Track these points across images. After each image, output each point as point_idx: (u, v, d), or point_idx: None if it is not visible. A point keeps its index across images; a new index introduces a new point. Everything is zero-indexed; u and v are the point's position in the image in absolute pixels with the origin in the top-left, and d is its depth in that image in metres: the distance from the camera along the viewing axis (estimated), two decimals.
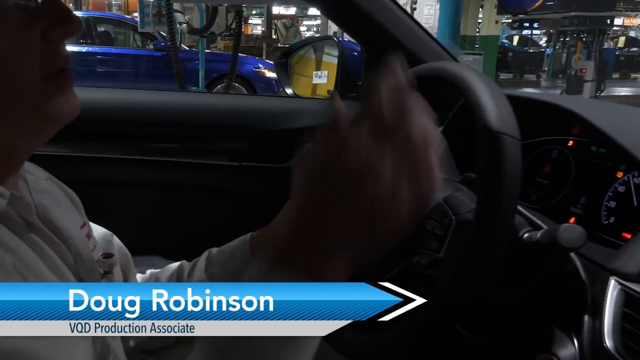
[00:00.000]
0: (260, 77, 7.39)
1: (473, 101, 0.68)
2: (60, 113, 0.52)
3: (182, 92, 2.35)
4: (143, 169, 1.32)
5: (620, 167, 0.89)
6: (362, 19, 1.21)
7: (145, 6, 5.23)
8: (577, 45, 10.16)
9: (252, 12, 23.66)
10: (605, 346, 0.61)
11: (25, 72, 0.49)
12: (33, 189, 0.61)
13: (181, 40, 6.41)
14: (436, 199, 0.74)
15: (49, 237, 0.57)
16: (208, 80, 6.24)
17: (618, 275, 0.66)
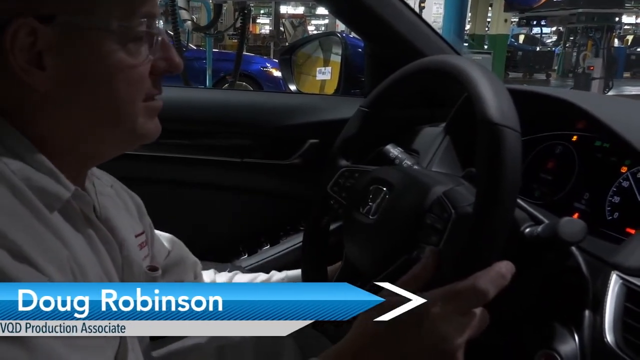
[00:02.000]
0: (267, 77, 7.38)
1: (473, 93, 0.67)
2: (149, 132, 0.62)
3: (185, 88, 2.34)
4: (143, 165, 1.32)
5: (625, 162, 0.88)
6: (366, 15, 1.21)
7: None
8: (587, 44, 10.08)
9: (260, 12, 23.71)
10: (606, 341, 0.61)
11: (136, 92, 0.59)
12: (98, 191, 0.67)
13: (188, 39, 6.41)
14: (436, 193, 0.73)
15: (105, 235, 0.62)
16: (216, 79, 6.24)
17: (620, 270, 0.65)
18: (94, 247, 0.59)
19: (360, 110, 0.95)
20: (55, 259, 0.51)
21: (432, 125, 1.27)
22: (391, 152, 1.05)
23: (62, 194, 0.56)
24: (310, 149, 1.33)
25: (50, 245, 0.52)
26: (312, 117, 1.34)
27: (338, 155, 0.96)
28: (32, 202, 0.52)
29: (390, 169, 0.85)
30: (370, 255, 0.78)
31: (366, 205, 0.81)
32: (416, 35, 1.24)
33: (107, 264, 0.61)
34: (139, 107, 0.60)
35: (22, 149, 0.56)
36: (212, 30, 5.10)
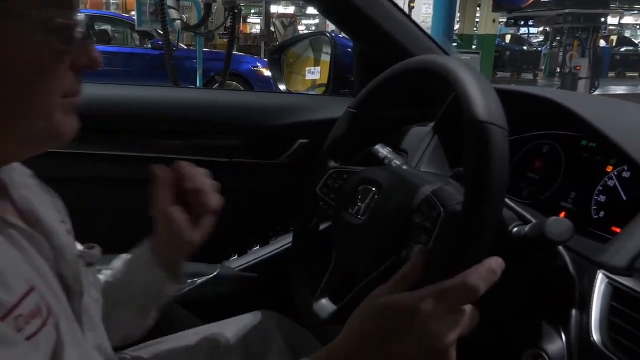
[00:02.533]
0: (258, 76, 7.36)
1: (460, 92, 0.66)
2: (65, 130, 0.57)
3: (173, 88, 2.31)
4: (131, 166, 1.30)
5: (610, 161, 0.88)
6: (354, 14, 1.20)
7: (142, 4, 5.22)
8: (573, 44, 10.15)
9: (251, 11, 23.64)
10: (593, 340, 0.60)
11: (53, 86, 0.55)
12: (15, 184, 0.61)
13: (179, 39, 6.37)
14: (425, 192, 0.72)
15: (28, 233, 0.57)
16: (206, 79, 6.21)
17: (606, 269, 0.65)
18: (17, 246, 0.55)
19: (348, 111, 0.94)
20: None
21: (420, 125, 1.27)
22: (380, 152, 1.05)
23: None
24: (299, 148, 1.32)
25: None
26: (301, 117, 1.33)
27: (327, 157, 0.96)
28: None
29: (379, 169, 0.84)
30: (359, 255, 0.77)
31: (355, 206, 0.81)
32: (405, 35, 1.23)
33: (36, 260, 0.57)
34: (55, 102, 0.55)
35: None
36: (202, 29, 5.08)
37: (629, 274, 0.63)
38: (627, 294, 0.61)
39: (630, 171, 0.84)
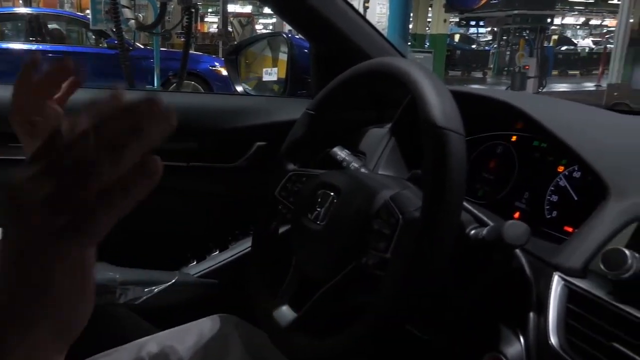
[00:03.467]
0: (216, 76, 7.24)
1: (417, 96, 0.65)
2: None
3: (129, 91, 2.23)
4: None
5: (561, 161, 0.88)
6: (309, 15, 1.17)
7: (97, 3, 5.06)
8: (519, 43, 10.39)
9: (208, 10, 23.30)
10: (551, 343, 0.59)
11: None
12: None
13: (135, 38, 6.21)
14: (383, 198, 0.71)
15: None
16: (164, 78, 6.08)
17: (561, 271, 0.64)
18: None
19: (306, 113, 0.92)
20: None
21: (378, 127, 1.26)
22: (338, 155, 1.03)
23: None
24: (257, 151, 1.28)
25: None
26: (258, 119, 1.30)
27: (285, 159, 0.93)
28: None
29: (337, 173, 0.82)
30: (319, 261, 0.75)
31: (314, 211, 0.78)
32: (360, 36, 1.21)
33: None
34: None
35: None
36: (158, 28, 4.96)
37: (584, 275, 0.63)
38: (582, 296, 0.60)
39: (580, 171, 0.84)
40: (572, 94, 12.22)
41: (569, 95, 11.82)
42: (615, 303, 0.57)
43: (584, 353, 0.57)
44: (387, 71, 0.74)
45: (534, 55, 8.66)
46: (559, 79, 15.53)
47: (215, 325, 0.98)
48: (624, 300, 0.57)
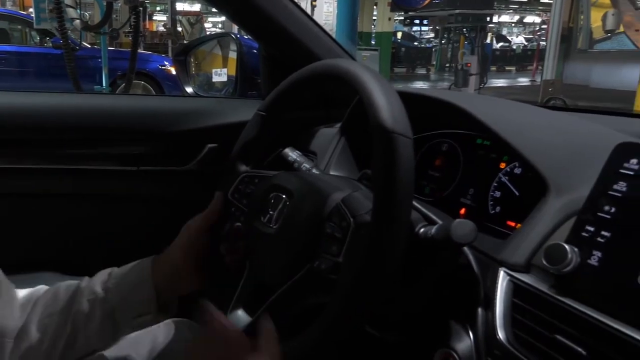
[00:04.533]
0: (166, 75, 7.05)
1: (366, 99, 0.64)
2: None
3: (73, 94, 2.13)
4: (33, 178, 1.18)
5: (503, 158, 0.90)
6: (256, 15, 1.15)
7: (40, 2, 4.82)
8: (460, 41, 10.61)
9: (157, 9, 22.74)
10: (498, 338, 0.60)
11: None
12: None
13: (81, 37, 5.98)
14: (335, 200, 0.70)
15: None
16: (113, 78, 5.88)
17: (506, 267, 0.65)
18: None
19: (257, 114, 0.90)
20: None
21: (327, 126, 1.25)
22: (290, 156, 1.01)
23: None
24: (209, 153, 1.25)
25: None
26: (209, 120, 1.26)
27: (237, 161, 0.91)
28: None
29: (289, 176, 0.80)
30: (273, 265, 0.73)
31: (267, 214, 0.77)
32: (308, 36, 1.20)
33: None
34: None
35: None
36: (106, 28, 4.79)
37: (528, 270, 0.64)
38: (526, 291, 0.61)
39: (521, 168, 0.86)
40: (510, 89, 12.64)
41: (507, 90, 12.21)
42: (557, 296, 0.58)
43: (529, 346, 0.58)
44: (337, 73, 0.73)
45: (475, 53, 8.87)
46: (496, 74, 15.98)
47: (170, 330, 0.95)
48: (565, 293, 0.58)
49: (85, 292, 0.77)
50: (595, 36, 5.61)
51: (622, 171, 0.59)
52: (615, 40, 5.51)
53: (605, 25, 5.50)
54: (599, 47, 5.65)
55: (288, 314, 0.70)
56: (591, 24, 5.63)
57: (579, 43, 5.97)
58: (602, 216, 0.59)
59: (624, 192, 0.58)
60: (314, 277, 0.66)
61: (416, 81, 14.43)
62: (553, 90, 6.80)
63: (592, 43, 5.67)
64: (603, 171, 0.61)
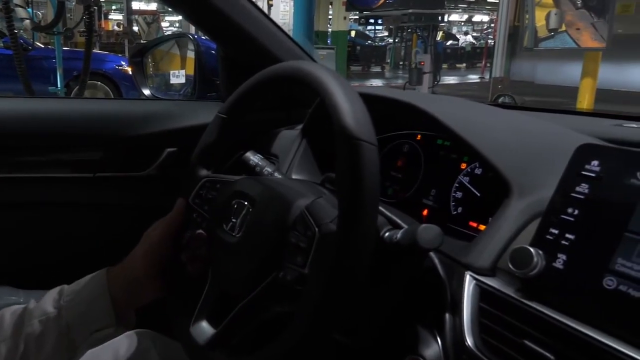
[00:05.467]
0: (124, 75, 6.83)
1: (329, 104, 0.61)
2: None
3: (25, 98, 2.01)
4: None
5: (464, 158, 0.89)
6: (213, 15, 1.10)
7: None
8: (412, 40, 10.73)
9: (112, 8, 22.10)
10: (467, 344, 0.58)
11: None
12: None
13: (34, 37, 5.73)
14: (299, 208, 0.67)
15: None
16: (68, 79, 5.65)
17: (472, 270, 0.63)
18: None
19: (218, 116, 0.86)
20: None
21: (288, 128, 1.21)
22: (251, 160, 0.97)
23: None
24: (168, 158, 1.20)
25: None
26: (168, 124, 1.20)
27: (198, 165, 0.87)
28: None
29: (252, 182, 0.77)
30: (236, 274, 0.70)
31: (229, 222, 0.73)
32: (266, 37, 1.16)
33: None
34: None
35: None
36: (59, 27, 4.59)
37: (494, 274, 0.62)
38: (493, 295, 0.60)
39: (481, 168, 0.85)
40: (462, 86, 12.86)
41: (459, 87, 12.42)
42: (524, 300, 0.57)
43: (498, 352, 0.56)
44: (300, 77, 0.70)
45: (428, 52, 8.98)
46: (448, 72, 16.25)
47: (132, 341, 0.90)
48: (531, 297, 0.56)
49: (35, 313, 0.72)
50: (540, 35, 5.73)
51: (584, 173, 0.58)
52: (558, 39, 5.64)
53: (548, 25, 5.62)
54: (543, 45, 5.78)
55: (253, 326, 0.66)
56: (536, 23, 5.75)
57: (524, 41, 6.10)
58: (566, 219, 0.57)
59: (586, 194, 0.57)
60: (278, 288, 0.63)
61: (372, 79, 14.51)
62: (502, 87, 6.95)
63: (537, 41, 5.79)
64: (565, 173, 0.60)
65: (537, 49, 6.00)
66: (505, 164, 0.71)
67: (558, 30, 5.65)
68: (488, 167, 0.74)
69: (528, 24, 5.86)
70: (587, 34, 5.41)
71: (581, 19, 5.40)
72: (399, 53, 17.42)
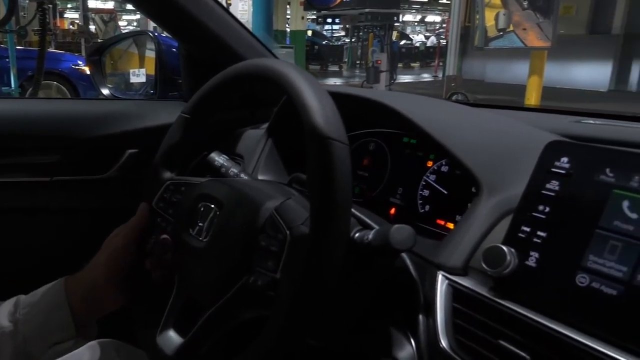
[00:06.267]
0: (81, 75, 6.54)
1: (299, 104, 0.58)
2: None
3: None
4: None
5: (430, 156, 0.87)
6: (174, 12, 1.04)
7: None
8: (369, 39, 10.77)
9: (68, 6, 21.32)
10: (441, 346, 0.56)
11: None
12: None
13: None
14: (268, 210, 0.63)
15: None
16: (22, 78, 5.38)
17: (444, 270, 0.61)
18: None
19: (181, 117, 0.81)
20: None
21: (253, 128, 1.17)
22: (216, 161, 0.93)
23: None
24: (129, 160, 1.13)
25: None
26: (128, 124, 1.14)
27: (161, 167, 0.82)
28: None
29: (218, 184, 0.73)
30: (203, 281, 0.66)
31: (195, 226, 0.69)
32: (228, 33, 1.11)
33: None
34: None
35: None
36: (11, 25, 4.36)
37: (466, 273, 0.60)
38: (466, 295, 0.58)
39: (447, 166, 0.84)
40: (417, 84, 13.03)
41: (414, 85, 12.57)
42: (497, 300, 0.55)
43: (473, 352, 0.54)
44: (266, 75, 0.66)
45: (384, 51, 9.02)
46: (403, 71, 16.40)
47: (94, 353, 0.84)
48: (505, 296, 0.55)
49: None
50: (490, 35, 5.84)
51: (554, 170, 0.57)
52: (507, 39, 5.77)
53: (497, 25, 5.74)
54: (492, 44, 5.90)
55: (222, 334, 0.62)
56: (486, 24, 5.86)
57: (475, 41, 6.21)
58: (537, 216, 0.56)
59: (557, 192, 0.56)
60: (249, 293, 0.59)
61: (330, 78, 14.53)
62: (455, 85, 7.05)
63: (487, 41, 5.90)
64: (535, 170, 0.58)
65: (487, 48, 6.12)
66: (475, 161, 0.70)
67: (506, 30, 5.77)
68: (457, 165, 0.73)
69: (478, 24, 5.96)
70: (533, 33, 5.55)
71: (527, 19, 5.53)
72: (356, 52, 17.49)
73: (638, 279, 0.47)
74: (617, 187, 0.51)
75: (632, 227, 0.49)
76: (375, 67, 8.74)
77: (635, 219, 0.49)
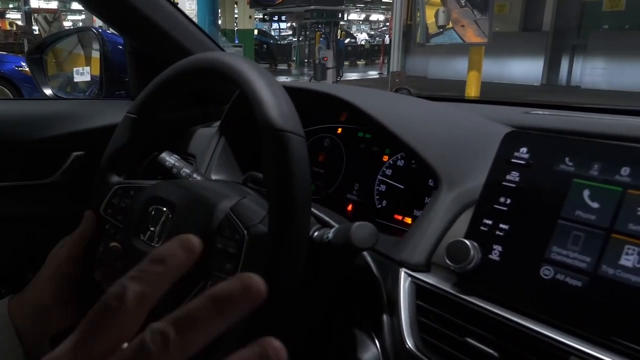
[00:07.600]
0: (24, 77, 6.17)
1: (252, 97, 0.54)
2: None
3: None
4: None
5: (385, 151, 0.84)
6: (119, 7, 0.96)
7: None
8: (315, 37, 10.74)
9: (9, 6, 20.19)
10: (407, 346, 0.53)
11: None
12: None
13: None
14: (223, 211, 0.58)
15: None
16: None
17: (407, 267, 0.58)
18: None
19: (127, 116, 0.74)
20: None
21: (205, 126, 1.11)
22: (167, 161, 0.87)
23: None
24: (74, 163, 1.04)
25: None
26: (73, 125, 1.05)
27: (108, 171, 0.75)
28: None
29: (169, 185, 0.67)
30: None
31: (147, 231, 0.63)
32: (176, 28, 1.04)
33: None
34: None
35: None
36: None
37: (429, 269, 0.57)
38: (429, 291, 0.55)
39: (404, 160, 0.81)
40: (364, 81, 13.10)
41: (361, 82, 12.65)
42: (461, 295, 0.52)
43: (440, 351, 0.51)
44: (216, 68, 0.61)
45: (330, 48, 9.00)
46: (349, 68, 16.48)
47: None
48: (469, 291, 0.52)
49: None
50: (430, 31, 5.93)
51: (513, 161, 0.55)
52: (447, 35, 5.87)
53: (437, 22, 5.83)
54: (433, 41, 5.98)
55: None
56: (426, 21, 5.94)
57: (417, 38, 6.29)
58: (499, 208, 0.54)
59: (517, 183, 0.54)
60: None
61: (280, 75, 14.42)
62: (399, 80, 7.13)
63: (428, 38, 5.98)
64: (494, 161, 0.56)
65: (428, 45, 6.21)
66: (432, 154, 0.67)
67: (446, 27, 5.87)
68: (415, 158, 0.70)
69: (419, 21, 6.04)
70: (471, 30, 5.67)
71: (465, 16, 5.65)
72: (304, 51, 17.44)
73: (602, 269, 0.46)
74: (577, 176, 0.50)
75: (594, 217, 0.48)
76: (322, 64, 8.71)
77: (596, 208, 0.48)
